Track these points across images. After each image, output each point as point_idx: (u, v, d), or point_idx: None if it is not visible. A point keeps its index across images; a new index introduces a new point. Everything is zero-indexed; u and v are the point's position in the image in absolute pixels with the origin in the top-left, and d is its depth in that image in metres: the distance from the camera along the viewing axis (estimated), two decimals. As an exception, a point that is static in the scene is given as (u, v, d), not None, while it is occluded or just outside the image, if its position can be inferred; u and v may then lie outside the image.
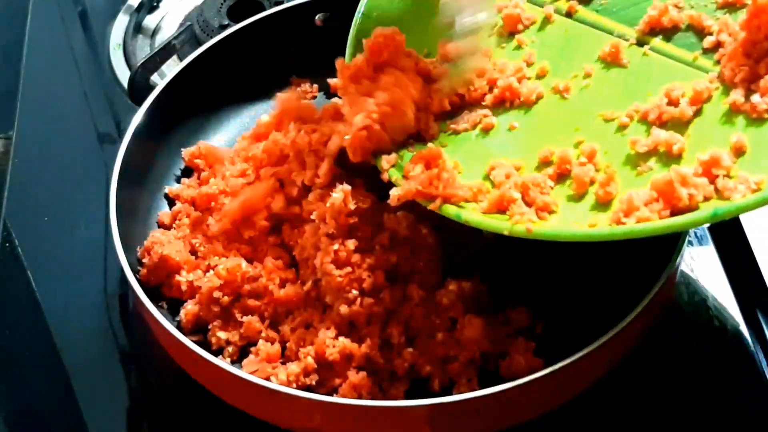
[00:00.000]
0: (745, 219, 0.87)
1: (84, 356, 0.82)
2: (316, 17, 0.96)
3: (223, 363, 0.68)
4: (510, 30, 0.81)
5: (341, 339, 0.71)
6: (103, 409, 0.79)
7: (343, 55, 0.95)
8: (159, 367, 0.79)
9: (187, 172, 0.89)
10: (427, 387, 0.71)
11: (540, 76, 0.77)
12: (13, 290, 0.88)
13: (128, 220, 0.79)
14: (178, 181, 0.88)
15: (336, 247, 0.73)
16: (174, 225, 0.83)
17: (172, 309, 0.78)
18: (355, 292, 0.73)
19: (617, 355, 0.71)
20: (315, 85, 0.96)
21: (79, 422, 0.78)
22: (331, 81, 0.95)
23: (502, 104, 0.77)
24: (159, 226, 0.84)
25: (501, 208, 0.68)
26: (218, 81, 0.92)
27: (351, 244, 0.73)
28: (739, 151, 0.64)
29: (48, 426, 0.79)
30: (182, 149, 0.89)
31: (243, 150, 0.87)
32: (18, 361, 0.83)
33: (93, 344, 0.83)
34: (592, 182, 0.68)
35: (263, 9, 0.97)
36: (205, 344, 0.74)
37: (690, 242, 0.83)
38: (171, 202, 0.87)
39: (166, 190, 0.87)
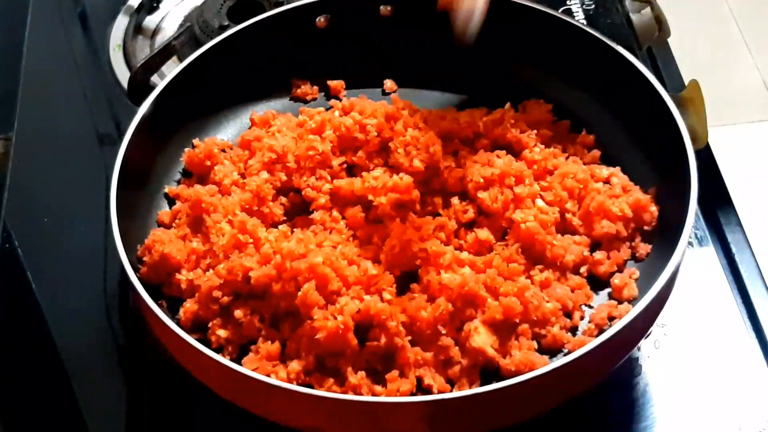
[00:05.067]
0: (745, 219, 0.88)
1: (84, 356, 0.82)
2: (317, 19, 0.96)
3: (223, 359, 0.68)
4: None
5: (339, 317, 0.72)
6: (103, 409, 0.79)
7: (343, 56, 0.95)
8: (158, 367, 0.79)
9: (188, 171, 0.89)
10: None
11: None
12: (13, 290, 0.88)
13: (128, 219, 0.79)
14: (178, 181, 0.88)
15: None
16: (174, 224, 0.84)
17: (172, 308, 0.78)
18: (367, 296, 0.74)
19: (618, 355, 0.71)
20: (315, 87, 0.96)
21: (79, 422, 0.79)
22: (332, 83, 0.95)
23: None
24: (159, 225, 0.84)
25: None
26: (218, 81, 0.92)
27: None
28: None
29: (48, 426, 0.79)
30: (183, 151, 0.89)
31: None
32: (18, 362, 0.83)
33: (93, 344, 0.83)
34: None
35: (263, 10, 0.97)
36: (205, 342, 0.74)
37: (690, 243, 0.83)
38: (171, 202, 0.87)
39: (166, 189, 0.87)
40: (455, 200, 0.82)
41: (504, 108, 0.88)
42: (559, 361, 0.66)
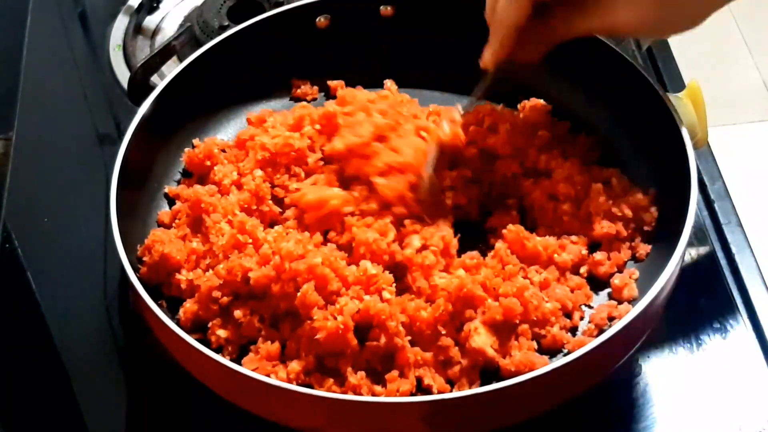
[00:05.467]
0: (745, 219, 0.88)
1: (84, 356, 0.82)
2: (318, 19, 0.96)
3: (223, 360, 0.68)
4: None
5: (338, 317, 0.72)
6: (103, 409, 0.79)
7: (343, 56, 0.95)
8: (158, 367, 0.79)
9: (188, 171, 0.89)
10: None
11: None
12: (13, 290, 0.88)
13: (128, 220, 0.78)
14: (178, 181, 0.88)
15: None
16: (173, 224, 0.84)
17: (172, 308, 0.78)
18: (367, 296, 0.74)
19: (618, 355, 0.71)
20: (315, 87, 0.96)
21: (78, 422, 0.79)
22: (332, 83, 0.95)
23: None
24: (159, 225, 0.84)
25: None
26: (218, 82, 0.92)
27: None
28: None
29: (48, 426, 0.79)
30: (183, 151, 0.88)
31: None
32: (18, 361, 0.83)
33: (93, 344, 0.83)
34: None
35: (263, 10, 0.97)
36: (205, 343, 0.74)
37: (690, 243, 0.83)
38: (170, 202, 0.87)
39: (166, 189, 0.87)
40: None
41: (498, 109, 0.88)
42: (559, 361, 0.66)
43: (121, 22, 1.12)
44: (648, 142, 0.83)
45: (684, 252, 0.72)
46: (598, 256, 0.78)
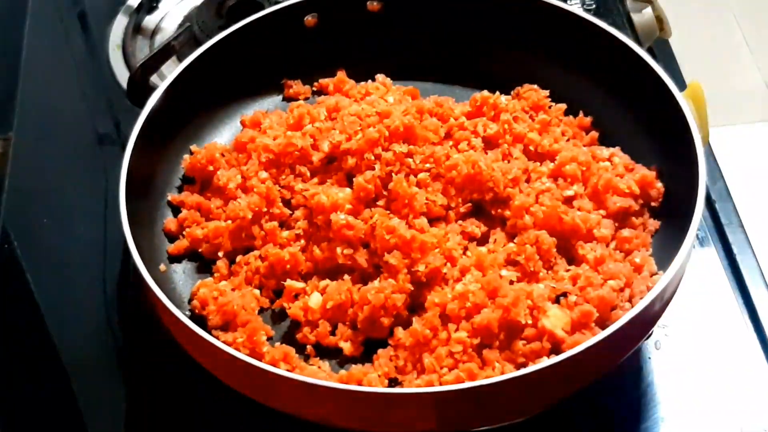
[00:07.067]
0: (746, 220, 0.88)
1: (83, 356, 0.82)
2: (305, 18, 0.95)
3: (242, 355, 0.68)
4: None
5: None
6: (103, 409, 0.79)
7: (334, 56, 0.95)
8: (158, 367, 0.79)
9: (188, 178, 0.88)
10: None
11: None
12: (13, 291, 0.88)
13: (133, 229, 0.76)
14: (179, 188, 0.88)
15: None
16: (183, 234, 0.83)
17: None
18: None
19: (622, 349, 0.71)
20: (307, 86, 0.96)
21: (78, 422, 0.79)
22: (323, 81, 0.95)
23: None
24: (165, 234, 0.84)
25: None
26: (213, 84, 0.91)
27: None
28: None
29: (48, 426, 0.79)
30: (181, 157, 0.88)
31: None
32: (18, 361, 0.83)
33: (92, 344, 0.83)
34: None
35: (263, 9, 0.97)
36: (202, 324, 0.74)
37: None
38: (174, 209, 0.86)
39: (169, 197, 0.86)
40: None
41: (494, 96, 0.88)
42: (560, 356, 0.65)
43: (121, 22, 1.12)
44: (649, 123, 0.83)
45: (692, 245, 0.71)
46: (626, 232, 0.78)
